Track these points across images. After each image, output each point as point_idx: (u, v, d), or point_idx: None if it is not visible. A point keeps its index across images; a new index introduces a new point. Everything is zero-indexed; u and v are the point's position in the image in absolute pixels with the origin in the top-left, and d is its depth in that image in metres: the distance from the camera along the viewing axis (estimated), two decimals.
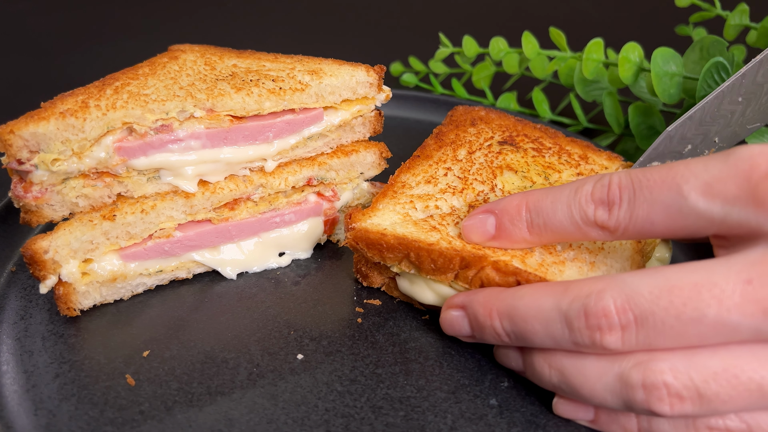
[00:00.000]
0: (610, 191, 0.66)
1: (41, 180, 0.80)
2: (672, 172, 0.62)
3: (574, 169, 0.96)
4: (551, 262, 0.76)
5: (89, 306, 0.89)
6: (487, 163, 0.95)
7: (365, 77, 0.94)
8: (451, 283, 0.80)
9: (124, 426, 0.72)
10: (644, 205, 0.63)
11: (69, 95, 0.83)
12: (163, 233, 0.90)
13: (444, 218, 0.85)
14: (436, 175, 0.93)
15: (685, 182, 0.61)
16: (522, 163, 0.95)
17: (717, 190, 0.59)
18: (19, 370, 0.79)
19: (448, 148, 1.00)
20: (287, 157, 0.94)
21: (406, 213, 0.86)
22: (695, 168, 0.61)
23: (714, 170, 0.60)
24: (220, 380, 0.78)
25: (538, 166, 0.95)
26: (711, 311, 0.57)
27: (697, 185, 0.60)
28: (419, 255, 0.79)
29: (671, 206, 0.62)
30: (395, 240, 0.80)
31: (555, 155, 0.98)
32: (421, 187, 0.91)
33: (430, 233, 0.81)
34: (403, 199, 0.89)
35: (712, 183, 0.60)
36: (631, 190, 0.64)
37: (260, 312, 0.89)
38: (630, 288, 0.61)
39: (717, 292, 0.57)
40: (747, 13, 1.21)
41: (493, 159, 0.96)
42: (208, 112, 0.85)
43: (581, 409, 0.71)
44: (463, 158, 0.96)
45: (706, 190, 0.60)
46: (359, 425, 0.73)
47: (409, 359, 0.81)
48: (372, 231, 0.82)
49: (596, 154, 1.00)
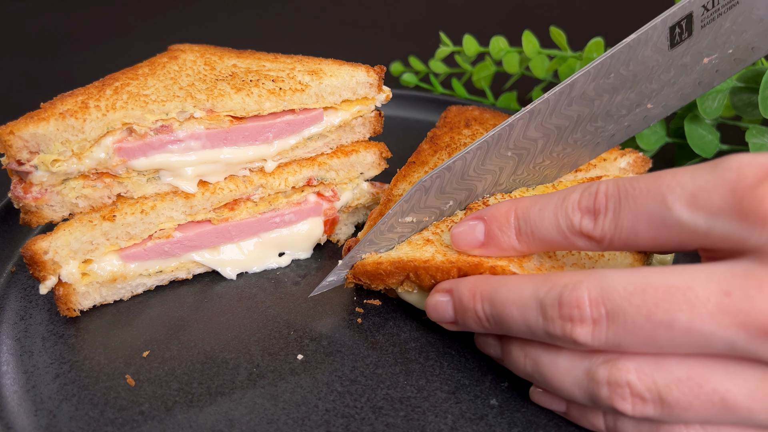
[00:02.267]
0: (597, 200, 0.64)
1: (41, 181, 0.80)
2: (659, 181, 0.60)
3: (568, 167, 0.94)
4: (550, 267, 0.76)
5: (89, 306, 0.89)
6: None
7: (365, 77, 0.94)
8: None
9: (125, 426, 0.72)
10: (629, 215, 0.61)
11: (69, 96, 0.83)
12: (163, 234, 0.90)
13: (438, 227, 0.85)
14: None
15: (671, 192, 0.59)
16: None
17: (702, 202, 0.57)
18: (19, 370, 0.79)
19: (443, 152, 0.99)
20: (287, 158, 0.94)
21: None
22: (682, 178, 0.59)
23: (700, 180, 0.58)
24: (220, 380, 0.78)
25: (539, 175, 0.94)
26: (683, 316, 0.56)
27: (682, 195, 0.58)
28: (417, 273, 0.79)
29: (655, 217, 0.60)
30: (391, 265, 0.80)
31: None
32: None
33: (424, 248, 0.81)
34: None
35: (697, 194, 0.57)
36: (617, 199, 0.62)
37: (260, 312, 0.89)
38: (606, 282, 0.60)
39: (691, 297, 0.56)
40: None
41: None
42: (208, 113, 0.85)
43: (555, 400, 0.72)
44: None
45: (691, 201, 0.58)
46: (359, 425, 0.73)
47: (410, 359, 0.81)
48: (369, 263, 0.82)
49: None
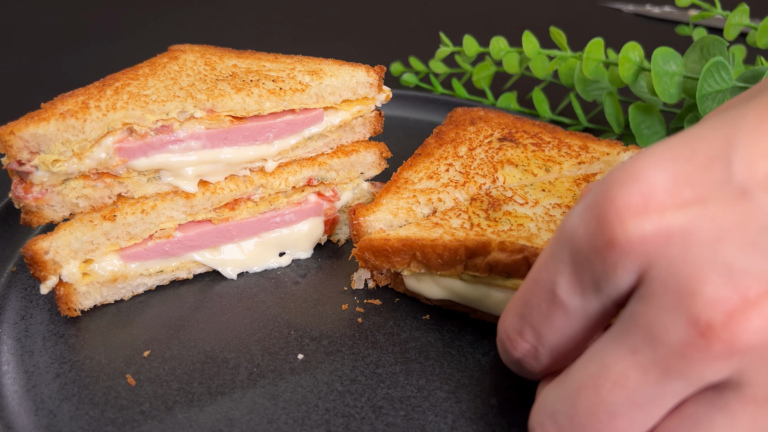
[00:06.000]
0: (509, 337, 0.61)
1: (41, 181, 0.80)
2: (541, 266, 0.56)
3: (574, 159, 0.97)
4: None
5: (90, 306, 0.89)
6: (488, 159, 0.96)
7: (365, 77, 0.94)
8: (461, 275, 0.81)
9: (125, 426, 0.72)
10: (541, 324, 0.58)
11: (69, 96, 0.83)
12: (163, 233, 0.90)
13: (446, 213, 0.86)
14: (438, 171, 0.94)
15: (556, 284, 0.55)
16: (522, 158, 0.97)
17: (581, 280, 0.53)
18: (20, 370, 0.79)
19: (448, 146, 1.00)
20: (287, 158, 0.94)
21: (410, 207, 0.88)
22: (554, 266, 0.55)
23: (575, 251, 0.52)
24: (220, 380, 0.78)
25: (539, 159, 0.96)
26: (619, 400, 0.52)
27: (565, 281, 0.54)
28: (425, 253, 0.79)
29: (558, 318, 0.56)
30: (399, 243, 0.80)
31: (555, 148, 0.99)
32: (423, 183, 0.92)
33: (432, 230, 0.82)
34: (407, 194, 0.90)
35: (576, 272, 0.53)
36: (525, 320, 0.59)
37: (260, 312, 0.89)
38: (551, 408, 0.57)
39: (614, 377, 0.52)
40: (747, 13, 1.21)
41: (493, 155, 0.97)
42: (209, 113, 0.85)
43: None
44: (463, 155, 0.98)
45: (572, 282, 0.54)
46: (360, 425, 0.73)
47: (410, 359, 0.81)
48: (376, 238, 0.82)
49: (596, 143, 1.00)
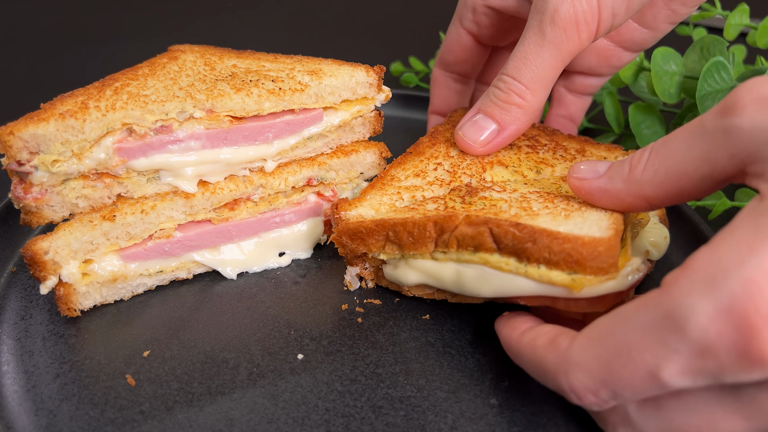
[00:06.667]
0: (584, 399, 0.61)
1: (41, 181, 0.80)
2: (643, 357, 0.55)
3: (568, 162, 0.95)
4: (525, 215, 0.77)
5: (89, 306, 0.89)
6: (478, 159, 0.95)
7: (365, 77, 0.94)
8: (433, 254, 0.80)
9: (125, 426, 0.73)
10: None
11: (69, 96, 0.83)
12: (163, 233, 0.90)
13: (425, 201, 0.86)
14: (425, 170, 0.94)
15: (662, 369, 0.54)
16: (514, 159, 0.95)
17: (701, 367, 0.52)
18: (20, 370, 0.79)
19: (441, 146, 1.00)
20: (287, 158, 0.94)
21: (393, 204, 0.88)
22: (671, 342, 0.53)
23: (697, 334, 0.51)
24: (220, 380, 0.78)
25: (531, 161, 0.95)
26: None
27: (676, 369, 0.53)
28: (396, 231, 0.80)
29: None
30: (373, 223, 0.82)
31: (550, 151, 0.98)
32: (410, 180, 0.92)
33: (407, 213, 0.83)
34: (391, 191, 0.90)
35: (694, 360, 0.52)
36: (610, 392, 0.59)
37: (260, 312, 0.89)
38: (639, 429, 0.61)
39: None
40: (747, 13, 1.21)
41: (484, 156, 0.96)
42: (208, 113, 0.85)
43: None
44: (455, 155, 0.96)
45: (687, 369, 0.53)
46: (360, 425, 0.73)
47: (410, 359, 0.81)
48: (352, 221, 0.84)
49: (594, 147, 0.99)
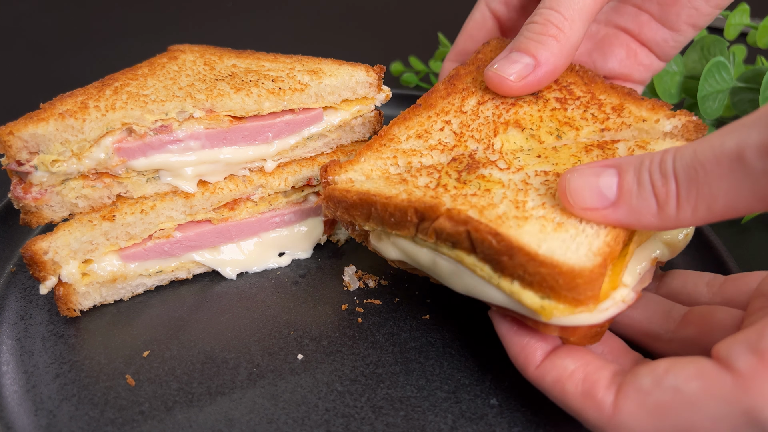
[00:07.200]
0: None
1: (41, 181, 0.80)
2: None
3: (598, 124, 0.82)
4: (513, 216, 0.68)
5: (89, 306, 0.89)
6: (493, 118, 0.84)
7: (365, 77, 0.94)
8: (414, 239, 0.75)
9: (125, 426, 0.72)
10: None
11: (68, 96, 0.83)
12: (162, 233, 0.90)
13: (420, 170, 0.79)
14: (430, 130, 0.85)
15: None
16: (535, 118, 0.84)
17: None
18: (20, 370, 0.79)
19: (456, 96, 0.89)
20: (287, 158, 0.94)
21: (386, 169, 0.81)
22: None
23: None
24: (220, 380, 0.78)
25: (554, 121, 0.83)
26: None
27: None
28: (377, 210, 0.75)
29: None
30: (357, 196, 0.76)
31: (581, 107, 0.84)
32: (410, 142, 0.84)
33: (395, 186, 0.76)
34: (387, 154, 0.83)
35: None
36: None
37: (260, 312, 0.89)
38: None
39: None
40: (747, 13, 1.21)
41: (502, 112, 0.85)
42: (208, 113, 0.85)
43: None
44: (468, 110, 0.86)
45: None
46: (359, 425, 0.73)
47: (410, 359, 0.81)
48: (338, 189, 0.78)
49: (635, 104, 0.84)
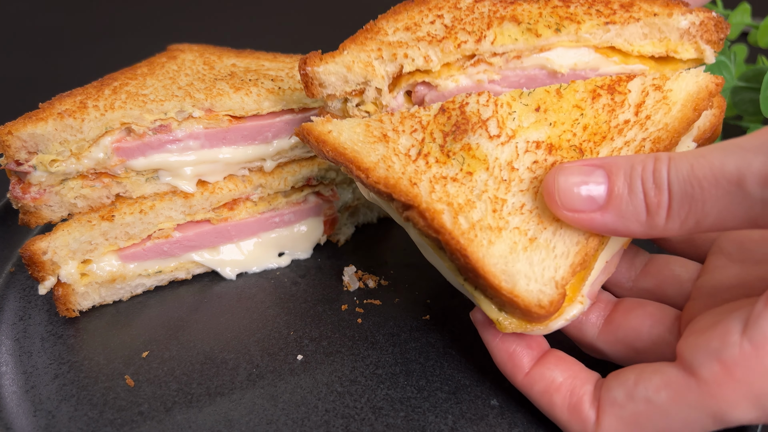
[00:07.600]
0: None
1: (40, 181, 0.79)
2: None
3: (602, 18, 0.76)
4: (487, 226, 0.65)
5: (88, 307, 0.89)
6: (489, 13, 0.78)
7: None
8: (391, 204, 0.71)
9: (124, 427, 0.72)
10: None
11: (67, 96, 0.83)
12: (162, 234, 0.89)
13: (402, 122, 0.74)
14: (420, 23, 0.79)
15: None
16: (534, 14, 0.77)
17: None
18: (18, 370, 0.79)
19: None
20: (286, 157, 0.94)
21: (369, 62, 0.76)
22: None
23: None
24: (219, 381, 0.78)
25: (554, 16, 0.77)
26: None
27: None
28: (351, 172, 0.70)
29: None
30: (334, 152, 0.72)
31: (585, 4, 0.79)
32: (397, 35, 0.78)
33: (374, 145, 0.72)
34: (372, 46, 0.77)
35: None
36: None
37: (260, 312, 0.89)
38: None
39: None
40: (748, 12, 1.21)
41: (499, 9, 0.79)
42: (207, 112, 0.85)
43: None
44: (464, 6, 0.80)
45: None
46: (359, 426, 0.72)
47: (410, 359, 0.81)
48: (315, 132, 0.73)
49: (648, 2, 0.79)
